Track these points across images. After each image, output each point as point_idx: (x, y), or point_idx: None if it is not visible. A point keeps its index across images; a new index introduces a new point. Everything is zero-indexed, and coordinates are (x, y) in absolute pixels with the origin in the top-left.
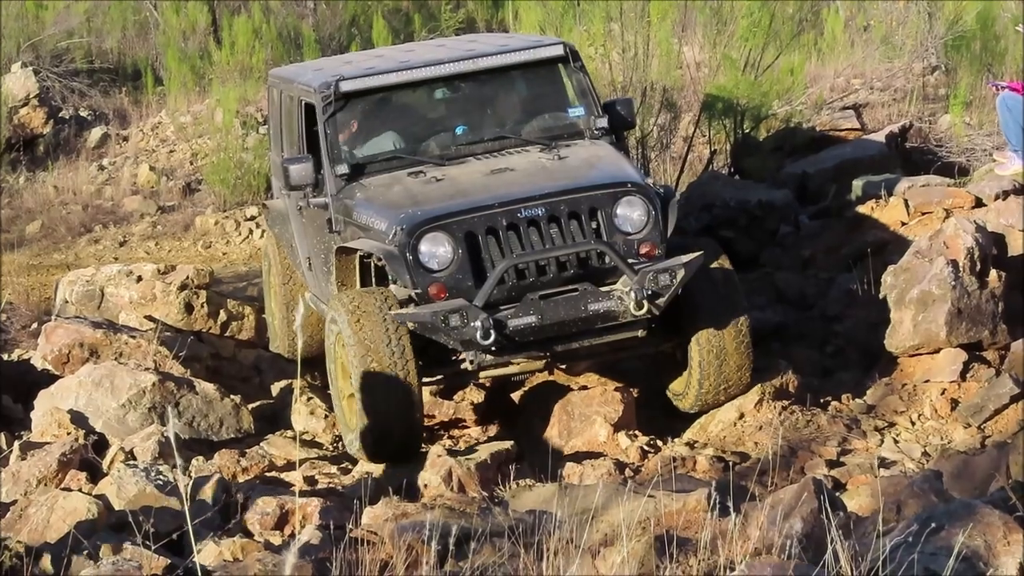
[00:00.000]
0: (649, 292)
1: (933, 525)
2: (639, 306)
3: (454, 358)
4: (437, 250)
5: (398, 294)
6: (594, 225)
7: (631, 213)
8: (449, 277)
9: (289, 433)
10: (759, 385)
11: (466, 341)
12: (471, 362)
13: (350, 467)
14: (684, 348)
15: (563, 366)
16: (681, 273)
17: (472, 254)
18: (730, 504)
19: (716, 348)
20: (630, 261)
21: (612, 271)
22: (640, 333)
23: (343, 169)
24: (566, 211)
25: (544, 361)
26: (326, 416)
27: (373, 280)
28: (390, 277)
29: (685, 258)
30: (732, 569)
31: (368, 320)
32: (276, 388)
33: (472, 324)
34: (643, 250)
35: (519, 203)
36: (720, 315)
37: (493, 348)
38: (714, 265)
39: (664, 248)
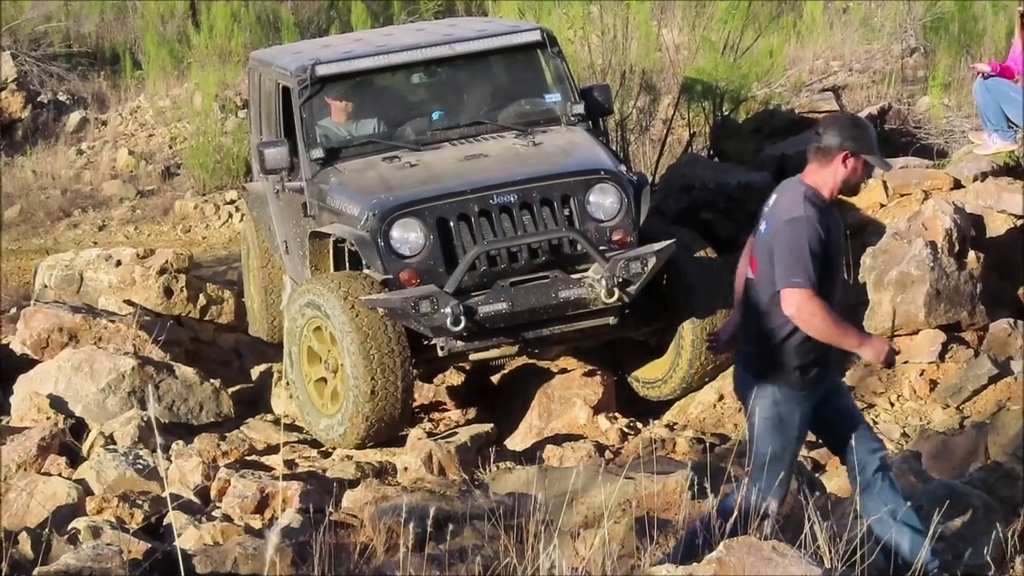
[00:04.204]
0: (620, 280)
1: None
2: (610, 294)
3: (425, 343)
4: (409, 236)
5: (376, 278)
6: (566, 212)
7: (603, 200)
8: (420, 263)
9: (269, 417)
10: None
11: (436, 327)
12: (442, 348)
13: (331, 451)
14: (664, 334)
15: (536, 351)
16: (652, 261)
17: (444, 240)
18: (708, 486)
19: (709, 328)
20: (602, 248)
21: (584, 258)
22: (611, 320)
23: (318, 153)
24: (538, 198)
25: (518, 346)
26: None
27: (347, 265)
28: (363, 262)
29: (657, 246)
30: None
31: (364, 306)
32: (256, 372)
33: (442, 311)
34: (615, 237)
35: (491, 189)
36: (713, 296)
37: (463, 334)
38: (700, 252)
39: (636, 235)
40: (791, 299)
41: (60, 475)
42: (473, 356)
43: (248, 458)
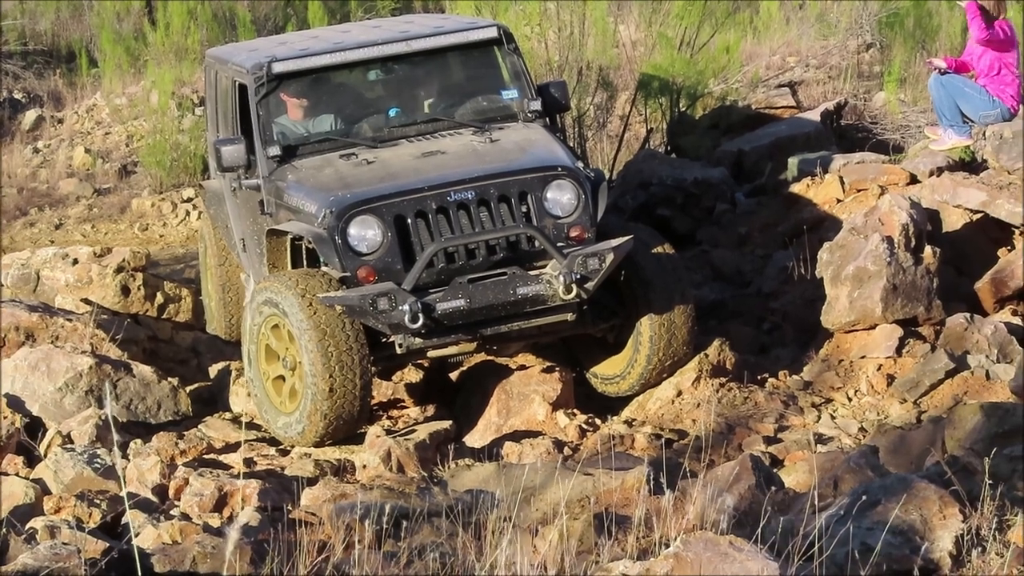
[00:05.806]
0: (578, 276)
1: (869, 500)
2: (568, 290)
3: (384, 340)
4: (366, 233)
5: (333, 275)
6: (524, 209)
7: (561, 197)
8: (378, 260)
9: (228, 415)
10: (696, 362)
11: (394, 325)
12: (400, 345)
13: (289, 449)
14: (622, 330)
15: (494, 348)
16: (610, 257)
17: (401, 237)
18: (664, 481)
19: (667, 323)
20: (560, 245)
21: (542, 255)
22: (569, 317)
23: (275, 151)
24: (496, 194)
25: (477, 343)
26: None
27: (305, 262)
28: (321, 260)
29: (615, 242)
30: (667, 546)
31: (321, 304)
32: (214, 370)
33: (400, 308)
34: (573, 234)
35: (449, 186)
36: (671, 291)
37: (422, 331)
38: (658, 248)
39: (594, 232)
40: None
41: (17, 475)
42: (431, 353)
43: (206, 456)
